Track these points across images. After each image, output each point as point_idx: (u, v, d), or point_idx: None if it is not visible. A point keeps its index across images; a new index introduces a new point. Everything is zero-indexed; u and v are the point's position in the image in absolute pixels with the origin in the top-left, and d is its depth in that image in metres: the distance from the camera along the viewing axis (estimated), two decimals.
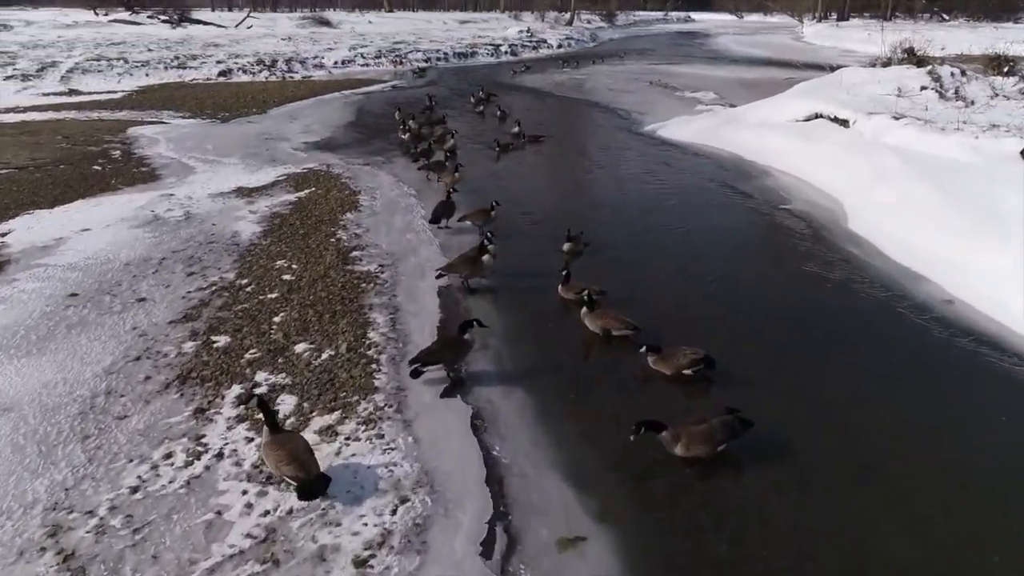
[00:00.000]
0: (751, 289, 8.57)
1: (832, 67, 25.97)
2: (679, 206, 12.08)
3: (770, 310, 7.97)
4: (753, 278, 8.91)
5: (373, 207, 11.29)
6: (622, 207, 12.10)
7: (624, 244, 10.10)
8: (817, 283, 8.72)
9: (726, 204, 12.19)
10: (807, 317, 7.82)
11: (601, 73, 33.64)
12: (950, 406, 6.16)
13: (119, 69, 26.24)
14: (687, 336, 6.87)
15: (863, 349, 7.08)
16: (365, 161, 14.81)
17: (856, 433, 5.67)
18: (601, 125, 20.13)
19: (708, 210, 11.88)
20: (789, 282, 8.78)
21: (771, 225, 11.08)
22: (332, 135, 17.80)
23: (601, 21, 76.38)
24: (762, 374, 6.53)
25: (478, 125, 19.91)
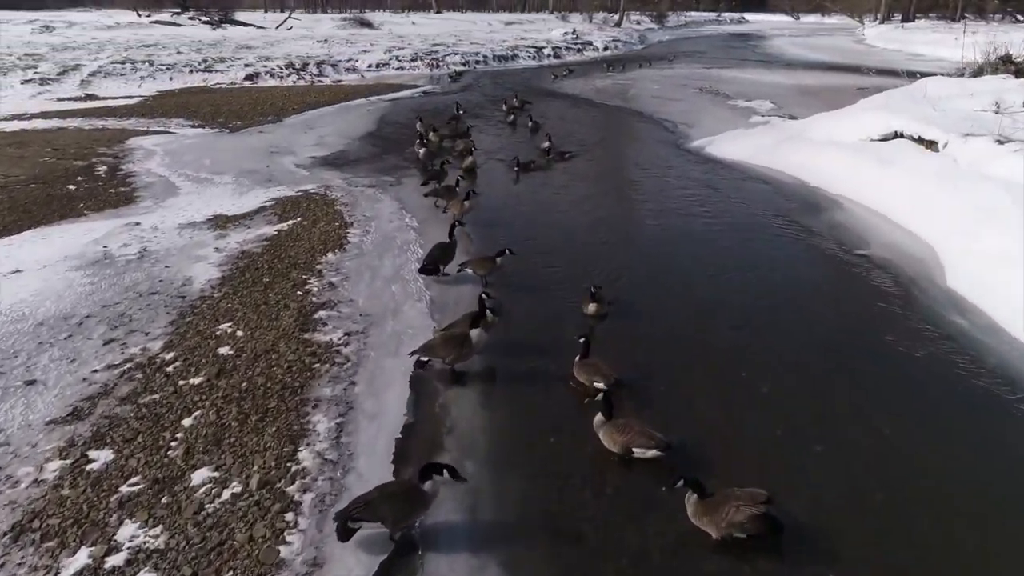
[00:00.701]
0: (825, 384, 6.36)
1: (908, 74, 23.25)
2: (731, 250, 9.89)
3: (852, 426, 5.74)
4: (828, 366, 6.68)
5: (362, 245, 9.42)
6: (660, 249, 9.98)
7: (660, 305, 8.02)
8: (915, 376, 6.49)
9: (789, 248, 9.96)
10: (908, 437, 5.63)
11: (647, 78, 31.33)
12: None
13: (143, 72, 25.07)
14: (741, 458, 4.80)
15: (999, 497, 4.88)
16: (372, 181, 12.99)
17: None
18: (643, 139, 17.95)
19: (767, 257, 9.66)
20: (878, 375, 6.56)
21: (847, 280, 8.83)
22: (345, 148, 16.05)
23: (651, 22, 73.65)
24: (854, 536, 4.41)
25: (507, 137, 17.95)
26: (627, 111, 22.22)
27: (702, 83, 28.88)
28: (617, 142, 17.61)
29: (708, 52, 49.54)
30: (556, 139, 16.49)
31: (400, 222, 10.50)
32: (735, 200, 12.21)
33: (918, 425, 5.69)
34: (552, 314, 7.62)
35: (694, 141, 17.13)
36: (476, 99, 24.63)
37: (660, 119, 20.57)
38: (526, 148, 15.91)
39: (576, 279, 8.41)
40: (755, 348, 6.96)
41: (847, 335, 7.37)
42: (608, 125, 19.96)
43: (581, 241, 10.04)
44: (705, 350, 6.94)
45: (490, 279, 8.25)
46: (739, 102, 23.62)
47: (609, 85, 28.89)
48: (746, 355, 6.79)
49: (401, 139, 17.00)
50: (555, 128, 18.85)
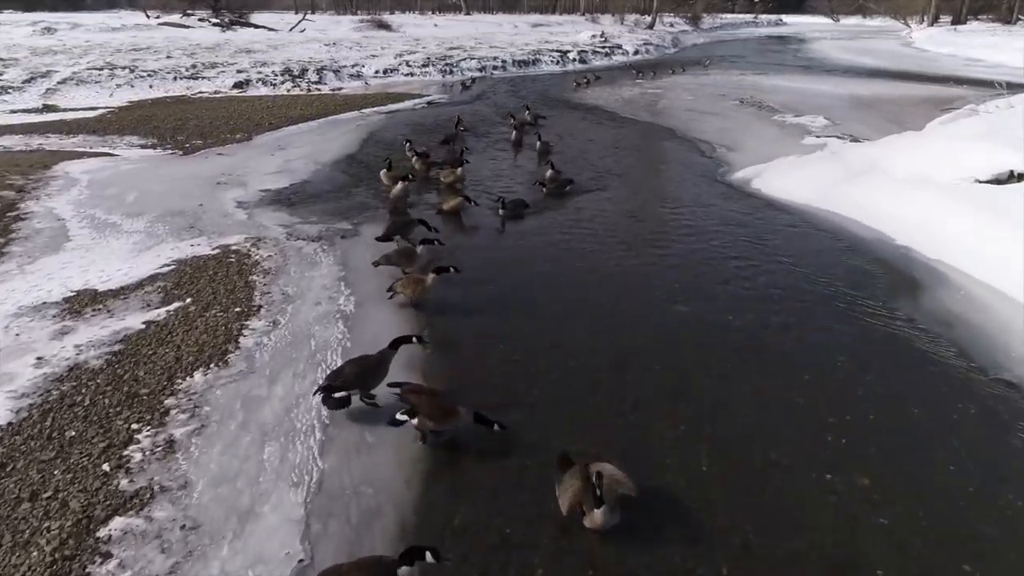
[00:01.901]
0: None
1: (1001, 84, 19.62)
2: (790, 361, 6.58)
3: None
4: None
5: (256, 353, 6.34)
6: (688, 358, 6.71)
7: (688, 484, 4.81)
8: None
9: (882, 362, 6.60)
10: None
11: (680, 87, 27.88)
12: None
13: (120, 80, 22.42)
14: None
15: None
16: (321, 230, 9.94)
17: None
18: (673, 167, 14.64)
19: (847, 378, 6.32)
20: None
21: (979, 428, 5.51)
22: (309, 177, 13.05)
23: (685, 24, 69.82)
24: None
25: (510, 163, 14.78)
26: (656, 128, 18.88)
27: (742, 93, 25.38)
28: (642, 171, 14.31)
29: (746, 56, 45.79)
30: (566, 165, 13.46)
31: (330, 306, 7.40)
32: (796, 267, 8.88)
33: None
34: (520, 506, 4.46)
35: (737, 171, 13.79)
36: (485, 111, 21.50)
37: (695, 139, 17.22)
38: (529, 177, 12.76)
39: (556, 431, 5.27)
40: (852, 546, 3.72)
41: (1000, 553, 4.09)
42: (632, 147, 16.66)
43: (574, 353, 6.81)
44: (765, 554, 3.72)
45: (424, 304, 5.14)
46: (787, 117, 20.14)
47: (637, 95, 25.54)
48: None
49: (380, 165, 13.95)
50: (568, 150, 15.67)
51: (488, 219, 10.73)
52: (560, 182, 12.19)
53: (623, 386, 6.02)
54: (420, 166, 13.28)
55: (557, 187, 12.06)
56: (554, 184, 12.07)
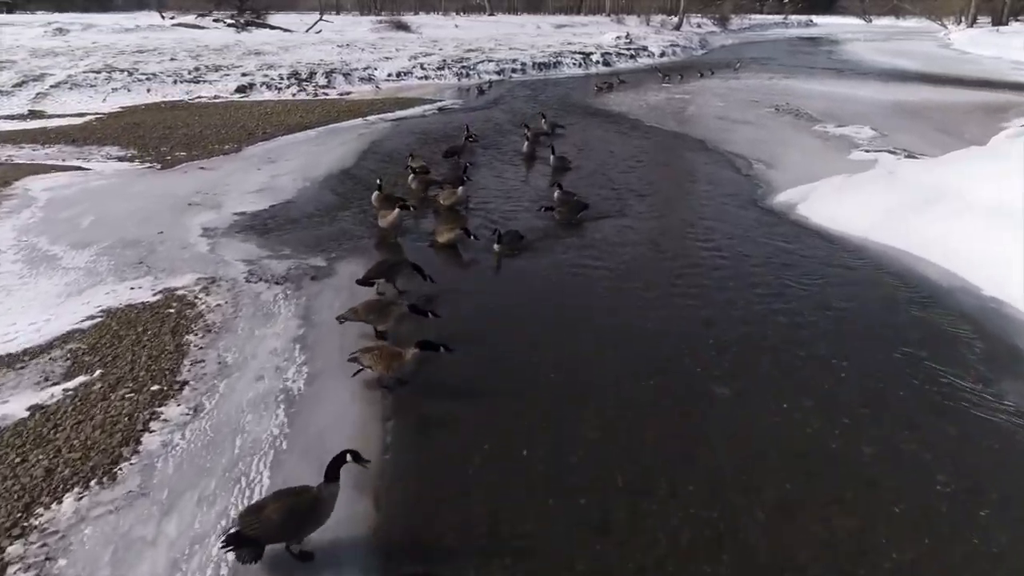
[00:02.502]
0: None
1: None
2: (874, 484, 4.87)
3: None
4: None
5: (158, 461, 4.77)
6: (730, 484, 5.02)
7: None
8: None
9: (1000, 485, 4.86)
10: None
11: (710, 91, 25.99)
12: None
13: (116, 83, 21.13)
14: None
15: None
16: (288, 268, 8.37)
17: None
18: (704, 185, 12.87)
19: (958, 512, 4.60)
20: None
21: None
22: (293, 197, 11.51)
23: (713, 25, 67.53)
24: None
25: (519, 180, 13.12)
26: (685, 139, 17.09)
27: (776, 99, 23.45)
28: (668, 192, 12.55)
29: (777, 58, 43.63)
30: (582, 182, 11.87)
31: (275, 381, 5.81)
32: (863, 327, 7.11)
33: None
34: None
35: (778, 193, 12.00)
36: (499, 118, 19.86)
37: (728, 152, 15.42)
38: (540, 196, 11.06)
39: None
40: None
41: None
42: (658, 162, 14.90)
43: (580, 470, 5.14)
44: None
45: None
46: (828, 127, 18.23)
47: (663, 101, 23.71)
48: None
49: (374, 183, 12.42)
50: (585, 165, 13.99)
51: (487, 254, 9.08)
52: (572, 206, 10.51)
53: (643, 518, 4.35)
54: (416, 185, 11.69)
55: (568, 213, 10.39)
56: (565, 209, 10.40)
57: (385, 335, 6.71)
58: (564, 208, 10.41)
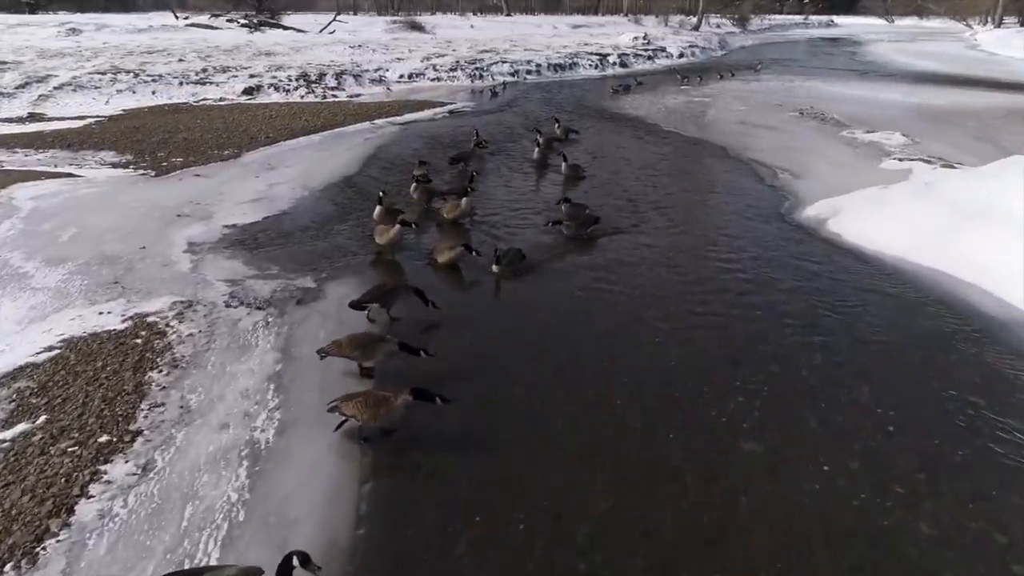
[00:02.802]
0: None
1: None
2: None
3: None
4: None
5: (90, 538, 4.07)
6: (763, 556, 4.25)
7: None
8: None
9: None
10: None
11: (730, 94, 25.06)
12: None
13: (122, 85, 20.61)
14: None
15: None
16: (274, 290, 7.67)
17: None
18: (726, 197, 12.02)
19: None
20: None
21: None
22: (289, 209, 10.84)
23: (732, 26, 66.32)
24: None
25: (529, 190, 12.35)
26: (705, 146, 16.23)
27: (800, 102, 22.49)
28: (687, 204, 11.72)
29: (799, 60, 42.52)
30: (594, 192, 11.12)
31: (241, 431, 5.10)
32: (910, 369, 6.28)
33: None
34: None
35: (807, 206, 11.14)
36: (511, 122, 19.11)
37: (751, 160, 14.55)
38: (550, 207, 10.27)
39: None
40: None
41: None
42: (677, 170, 14.05)
43: (588, 541, 4.39)
44: None
45: None
46: (857, 133, 17.29)
47: (682, 104, 22.82)
48: None
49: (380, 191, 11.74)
50: (599, 173, 13.22)
51: (489, 275, 8.32)
52: (581, 220, 9.73)
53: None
54: (419, 196, 10.96)
55: (578, 227, 9.61)
56: (574, 224, 9.61)
57: (371, 372, 5.99)
58: (573, 222, 9.64)
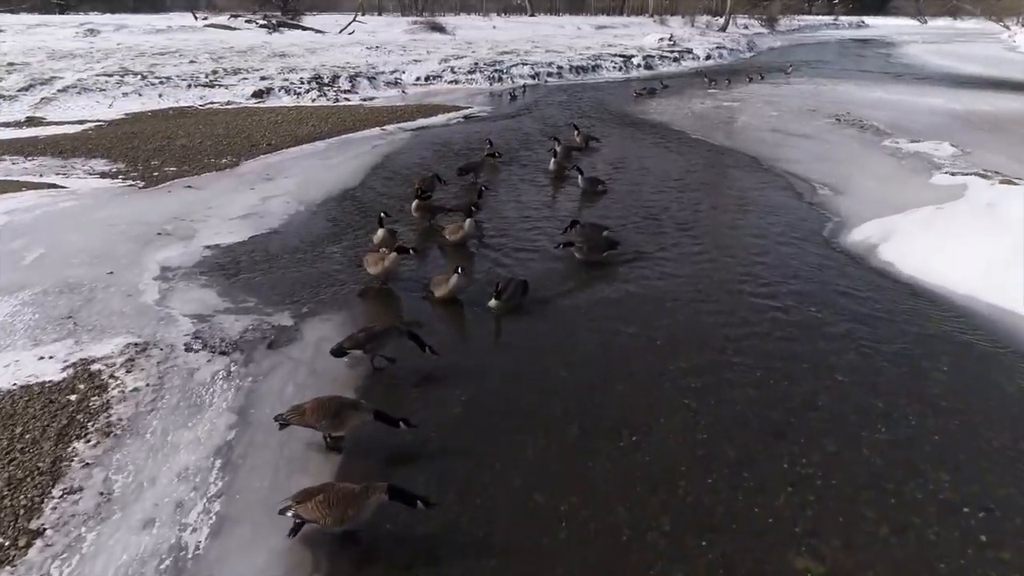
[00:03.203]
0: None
1: None
2: None
3: None
4: None
5: None
6: None
7: None
8: None
9: None
10: None
11: (760, 98, 23.73)
12: None
13: (128, 88, 19.88)
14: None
15: None
16: (247, 327, 6.68)
17: None
18: (760, 216, 10.83)
19: None
20: None
21: None
22: (279, 227, 9.88)
23: (760, 26, 64.58)
24: None
25: (541, 206, 11.25)
26: (735, 155, 15.01)
27: (836, 108, 21.12)
28: (716, 224, 10.53)
29: (831, 62, 40.92)
30: (613, 208, 10.11)
31: (169, 529, 4.09)
32: (1002, 452, 5.10)
33: None
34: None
35: (853, 229, 9.93)
36: (529, 127, 18.04)
37: (786, 173, 13.33)
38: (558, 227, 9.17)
39: None
40: None
41: None
42: (705, 183, 12.85)
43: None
44: None
45: None
46: (900, 142, 15.94)
47: (710, 109, 21.57)
48: None
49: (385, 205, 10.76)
50: (618, 187, 12.16)
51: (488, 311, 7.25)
52: (596, 244, 8.62)
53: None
54: (420, 213, 9.92)
55: (591, 251, 8.51)
56: (587, 247, 8.52)
57: (340, 443, 4.96)
58: (586, 245, 8.53)
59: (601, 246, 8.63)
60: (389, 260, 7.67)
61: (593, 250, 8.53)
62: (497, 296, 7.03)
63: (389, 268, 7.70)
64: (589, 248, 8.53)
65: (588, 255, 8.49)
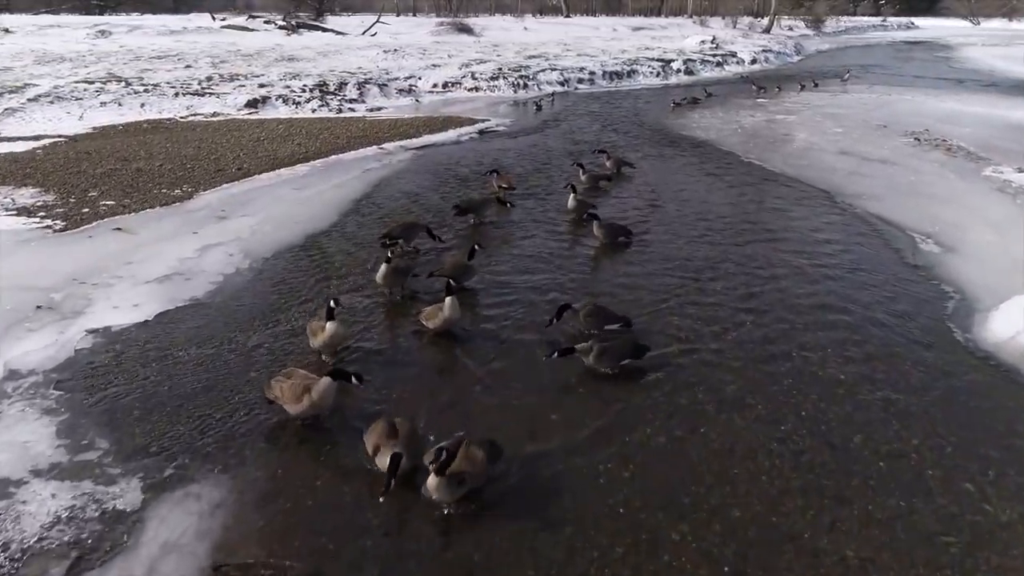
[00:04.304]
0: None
1: None
2: None
3: None
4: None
5: None
6: None
7: None
8: None
9: None
10: None
11: (818, 110, 20.62)
12: None
13: (108, 97, 17.65)
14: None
15: None
16: (57, 517, 4.09)
17: None
18: (847, 287, 7.87)
19: None
20: None
21: None
22: (206, 296, 7.34)
23: (806, 28, 60.71)
24: None
25: (553, 261, 8.46)
26: (800, 188, 12.07)
27: (910, 123, 17.96)
28: (788, 303, 7.57)
29: (887, 66, 37.34)
30: (641, 266, 7.39)
31: None
32: None
33: None
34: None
35: (989, 313, 6.97)
36: (552, 146, 15.32)
37: (872, 217, 10.38)
38: (567, 302, 6.44)
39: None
40: None
41: None
42: (764, 233, 9.84)
43: None
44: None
45: None
46: (1004, 171, 12.85)
47: (762, 123, 18.56)
48: None
49: (351, 263, 8.19)
50: (652, 235, 9.24)
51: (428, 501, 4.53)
52: (606, 351, 5.77)
53: None
54: (387, 282, 7.24)
55: (600, 359, 5.73)
56: (595, 353, 5.73)
57: None
58: (596, 351, 5.74)
59: (613, 354, 5.80)
60: (318, 390, 4.96)
61: (601, 358, 5.74)
62: (438, 471, 4.19)
63: (314, 402, 5.01)
64: (597, 356, 5.74)
65: (601, 363, 5.74)
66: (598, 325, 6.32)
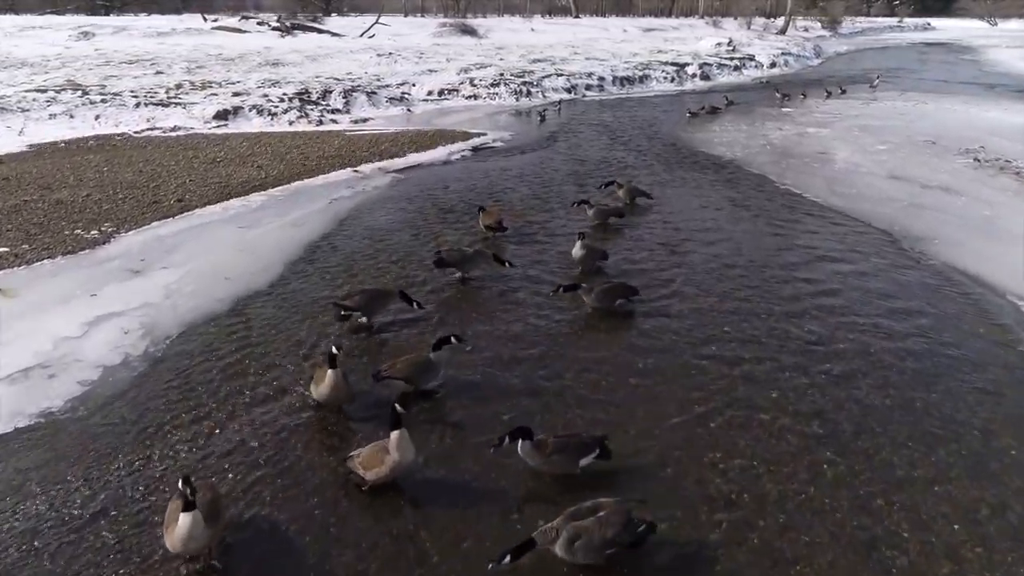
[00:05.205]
0: None
1: None
2: None
3: None
4: None
5: None
6: None
7: None
8: None
9: None
10: None
11: (852, 121, 18.35)
12: None
13: (59, 108, 15.60)
14: None
15: None
16: None
17: None
18: (930, 381, 5.67)
19: None
20: None
21: None
22: (64, 411, 5.25)
23: (822, 29, 58.17)
24: None
25: (549, 332, 6.26)
26: (852, 226, 9.83)
27: (960, 137, 15.68)
28: (859, 411, 5.41)
29: (913, 70, 34.94)
30: (651, 339, 5.34)
31: None
32: None
33: None
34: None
35: None
36: (557, 166, 13.17)
37: (947, 269, 8.15)
38: (572, 416, 4.32)
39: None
40: None
41: None
42: (815, 298, 7.62)
43: None
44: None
45: None
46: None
47: (793, 138, 16.31)
48: None
49: (290, 343, 6.07)
50: (665, 296, 7.02)
51: None
52: (622, 539, 3.65)
53: None
54: (334, 389, 5.08)
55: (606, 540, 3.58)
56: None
57: None
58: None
59: (627, 536, 3.67)
60: None
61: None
62: None
63: None
64: (609, 547, 3.60)
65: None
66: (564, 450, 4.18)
